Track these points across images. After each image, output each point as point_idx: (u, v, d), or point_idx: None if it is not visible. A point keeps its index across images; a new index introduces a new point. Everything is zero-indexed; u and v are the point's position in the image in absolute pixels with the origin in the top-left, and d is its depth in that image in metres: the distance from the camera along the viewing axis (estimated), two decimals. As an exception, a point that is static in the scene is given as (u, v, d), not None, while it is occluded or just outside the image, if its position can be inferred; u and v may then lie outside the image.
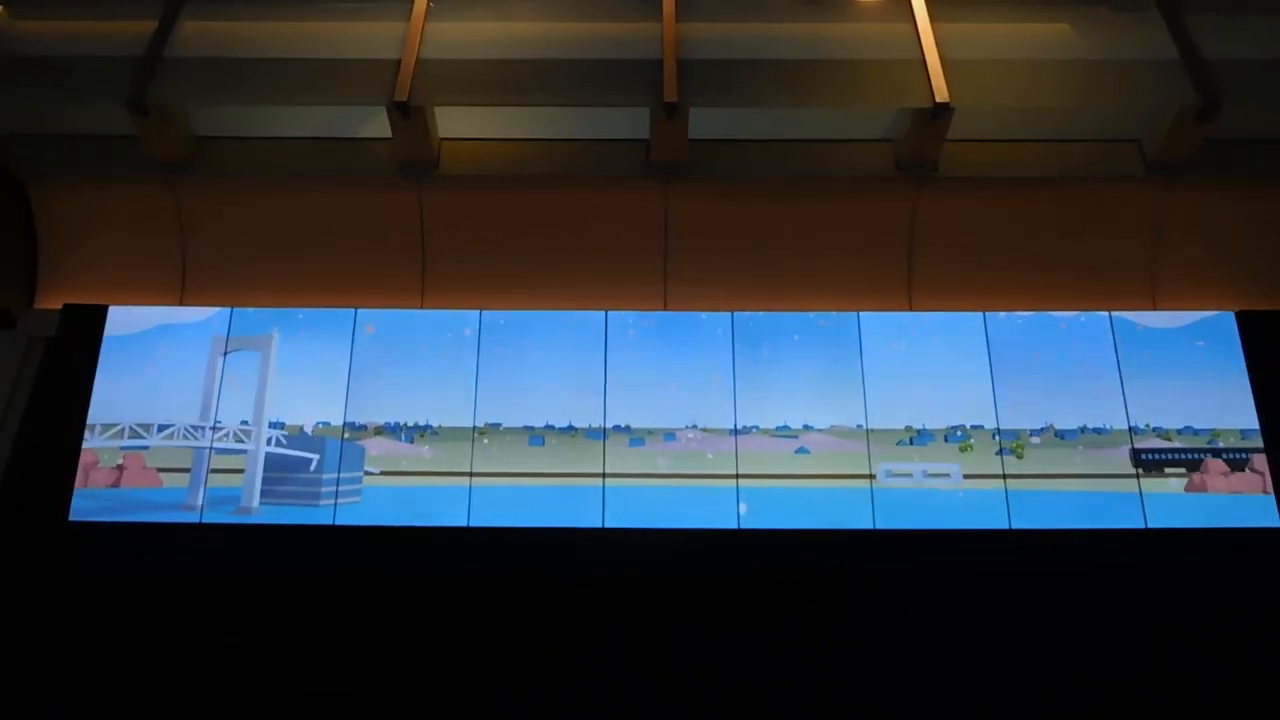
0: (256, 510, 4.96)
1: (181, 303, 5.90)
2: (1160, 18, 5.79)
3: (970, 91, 5.46)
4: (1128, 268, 5.98)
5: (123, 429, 4.91)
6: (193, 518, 5.04)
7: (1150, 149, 5.77)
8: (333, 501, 4.97)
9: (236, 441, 4.94)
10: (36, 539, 5.16)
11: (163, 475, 5.13)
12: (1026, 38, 5.81)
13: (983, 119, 5.70)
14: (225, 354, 5.13)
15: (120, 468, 5.17)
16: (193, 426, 4.89)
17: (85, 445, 5.07)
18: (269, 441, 4.95)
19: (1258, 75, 5.53)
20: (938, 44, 5.63)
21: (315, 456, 4.98)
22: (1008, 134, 5.91)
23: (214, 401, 5.12)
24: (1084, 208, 5.94)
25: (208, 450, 4.97)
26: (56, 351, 5.65)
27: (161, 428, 4.91)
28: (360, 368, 5.56)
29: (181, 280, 5.96)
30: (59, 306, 5.77)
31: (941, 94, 5.37)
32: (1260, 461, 5.30)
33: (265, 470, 5.06)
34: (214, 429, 4.92)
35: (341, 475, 5.06)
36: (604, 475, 5.26)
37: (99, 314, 5.68)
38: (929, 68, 5.51)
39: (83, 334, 5.64)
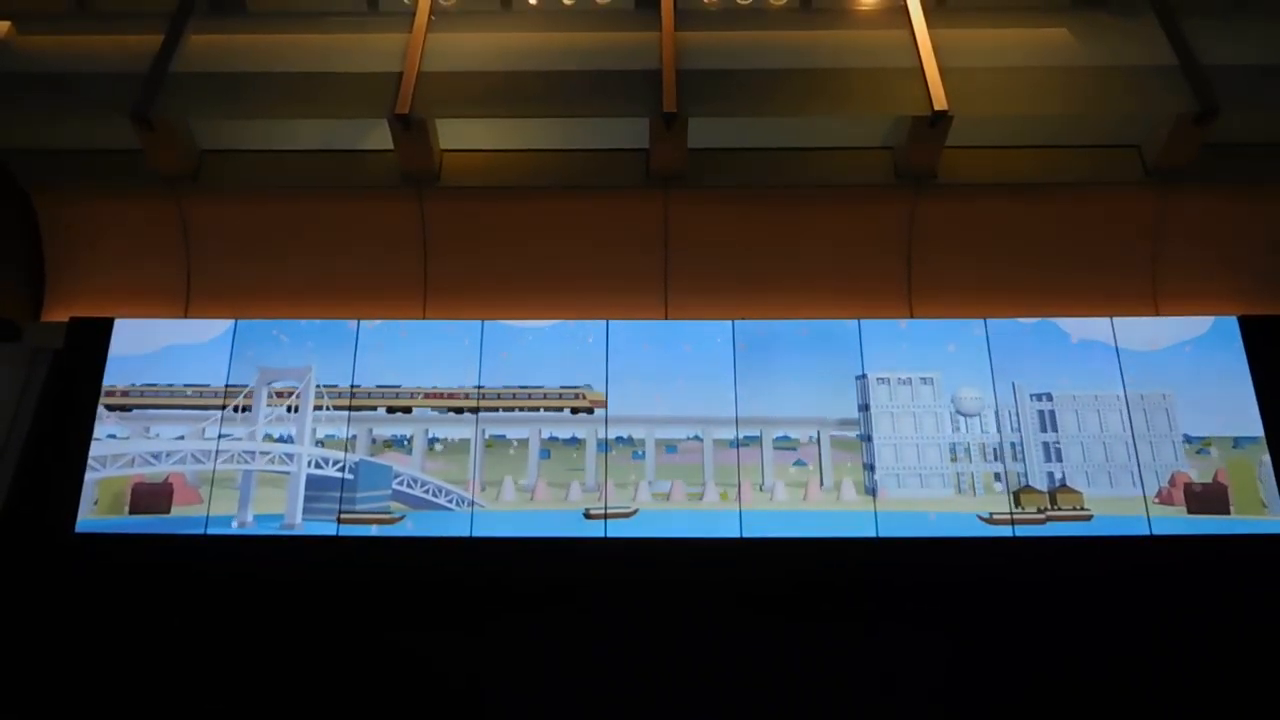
0: (300, 526, 5.21)
1: (186, 315, 5.96)
2: (1158, 24, 5.80)
3: (968, 99, 5.48)
4: (1129, 273, 5.98)
5: (185, 455, 5.22)
6: (228, 531, 5.26)
7: (1150, 155, 5.78)
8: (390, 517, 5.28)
9: (281, 464, 5.26)
10: (43, 550, 5.20)
11: (202, 494, 5.33)
12: (1024, 44, 5.83)
13: (981, 126, 5.73)
14: (269, 384, 5.45)
15: (169, 488, 5.30)
16: (245, 451, 5.22)
17: (143, 470, 5.29)
18: (309, 463, 5.28)
19: (1256, 80, 5.54)
20: (935, 51, 5.65)
21: (350, 476, 5.28)
22: (1007, 141, 5.92)
23: (259, 424, 5.39)
24: (1084, 214, 5.95)
25: (254, 472, 5.31)
26: (63, 364, 5.71)
27: (220, 452, 5.24)
28: (360, 380, 5.60)
29: (186, 293, 6.01)
30: (65, 319, 5.83)
31: (939, 102, 5.39)
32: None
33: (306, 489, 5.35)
34: (262, 453, 5.27)
35: (371, 494, 5.29)
36: (605, 507, 5.30)
37: (104, 326, 5.73)
38: (927, 75, 5.53)
39: (88, 346, 5.69)
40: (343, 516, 5.22)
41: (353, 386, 5.56)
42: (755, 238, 5.99)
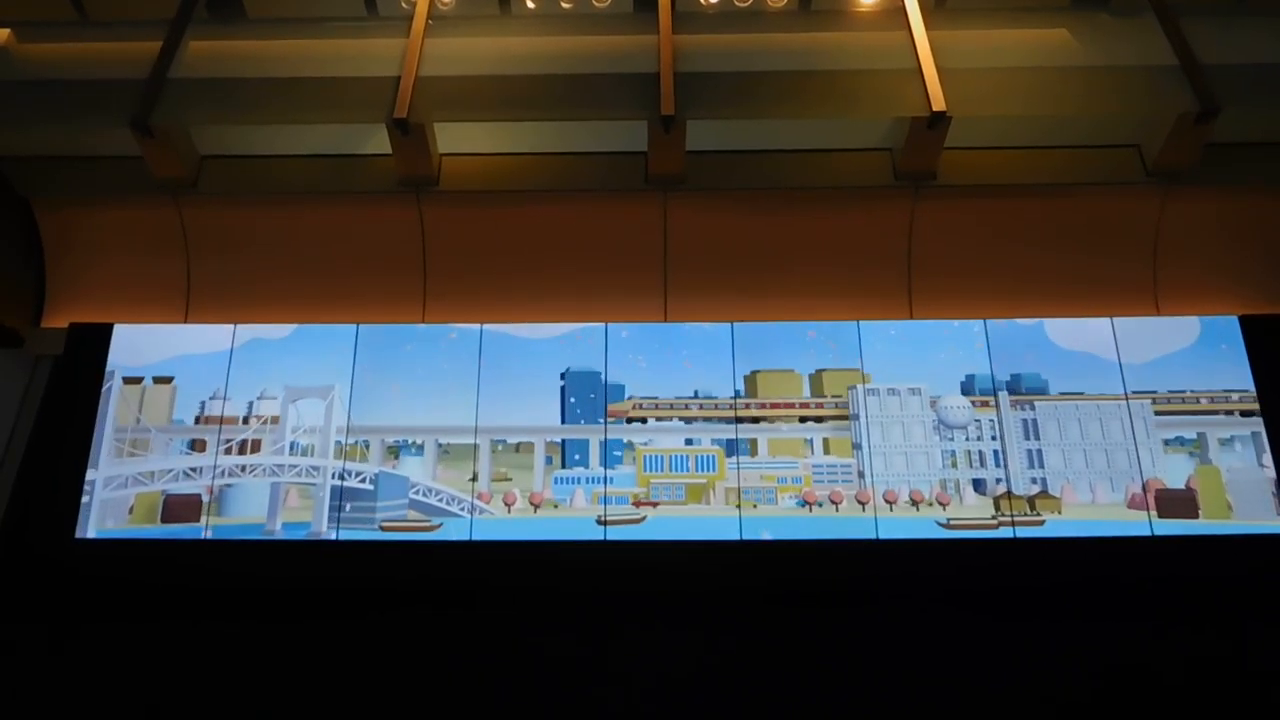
0: (325, 533, 5.37)
1: (186, 320, 5.97)
2: (1158, 24, 5.78)
3: (967, 100, 5.47)
4: (1130, 273, 5.97)
5: (223, 469, 5.46)
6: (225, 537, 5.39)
7: (1150, 155, 5.75)
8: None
9: (309, 476, 5.47)
10: (44, 557, 5.21)
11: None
12: (1023, 45, 5.81)
13: (981, 127, 5.71)
14: (294, 402, 5.60)
15: (198, 499, 5.44)
16: (276, 465, 5.44)
17: (185, 485, 5.46)
18: (333, 475, 5.49)
19: (1256, 80, 5.51)
20: (934, 53, 5.63)
21: (371, 487, 5.47)
22: (1006, 141, 5.91)
23: (285, 442, 5.55)
24: (1085, 214, 5.93)
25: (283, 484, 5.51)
26: (63, 369, 5.73)
27: (250, 466, 5.49)
28: (360, 386, 5.63)
29: (186, 298, 6.02)
30: (65, 325, 5.85)
31: (938, 103, 5.37)
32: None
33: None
34: (291, 466, 5.50)
35: (389, 503, 5.44)
36: (605, 514, 5.34)
37: (105, 332, 5.75)
38: (925, 77, 5.51)
39: (89, 352, 5.71)
40: (384, 524, 5.35)
41: (351, 396, 5.59)
42: (754, 240, 5.98)
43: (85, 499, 5.34)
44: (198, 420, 5.57)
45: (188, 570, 5.22)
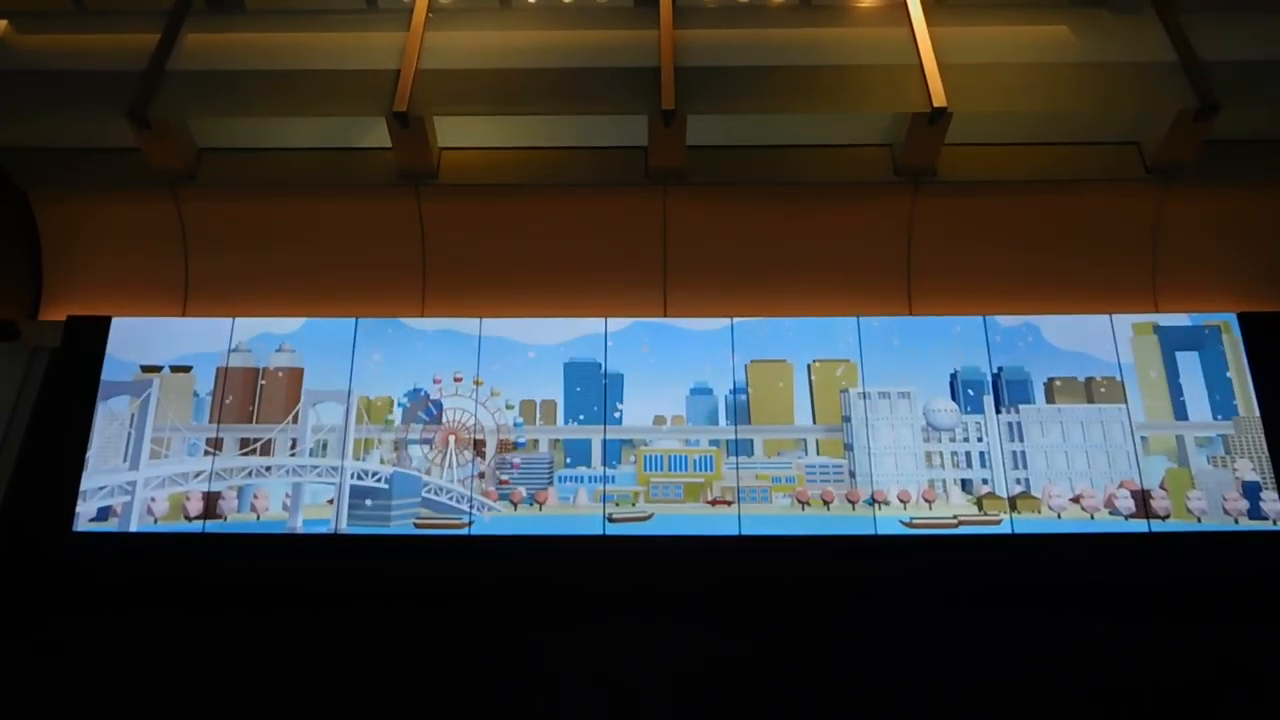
0: (345, 531, 5.47)
1: (184, 314, 5.95)
2: (1158, 20, 5.78)
3: (968, 96, 5.46)
4: (1129, 270, 5.97)
5: (250, 470, 5.57)
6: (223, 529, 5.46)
7: (1150, 151, 5.76)
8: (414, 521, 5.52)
9: (328, 476, 5.58)
10: (42, 550, 5.20)
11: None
12: (1024, 41, 5.81)
13: (981, 123, 5.71)
14: (314, 405, 5.66)
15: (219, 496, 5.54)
16: (299, 466, 5.58)
17: (218, 485, 5.54)
18: (351, 475, 5.60)
19: (1256, 76, 5.52)
20: (935, 48, 5.63)
21: (387, 487, 5.55)
22: (1006, 138, 5.91)
23: (305, 443, 5.60)
24: (1084, 210, 5.94)
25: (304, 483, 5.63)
26: (61, 363, 5.70)
27: (275, 466, 5.60)
28: (361, 380, 5.63)
29: (184, 292, 6.00)
30: (63, 318, 5.82)
31: (939, 98, 5.37)
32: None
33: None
34: (312, 467, 5.61)
35: (403, 501, 5.51)
36: (605, 513, 5.38)
37: (102, 325, 5.73)
38: (926, 72, 5.51)
39: (86, 345, 5.69)
40: (418, 521, 5.40)
41: (351, 389, 5.59)
42: (754, 235, 5.98)
43: (126, 498, 5.39)
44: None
45: (186, 564, 5.22)
